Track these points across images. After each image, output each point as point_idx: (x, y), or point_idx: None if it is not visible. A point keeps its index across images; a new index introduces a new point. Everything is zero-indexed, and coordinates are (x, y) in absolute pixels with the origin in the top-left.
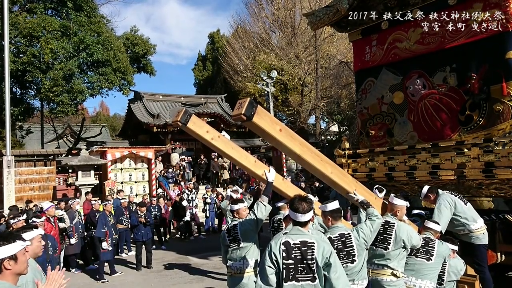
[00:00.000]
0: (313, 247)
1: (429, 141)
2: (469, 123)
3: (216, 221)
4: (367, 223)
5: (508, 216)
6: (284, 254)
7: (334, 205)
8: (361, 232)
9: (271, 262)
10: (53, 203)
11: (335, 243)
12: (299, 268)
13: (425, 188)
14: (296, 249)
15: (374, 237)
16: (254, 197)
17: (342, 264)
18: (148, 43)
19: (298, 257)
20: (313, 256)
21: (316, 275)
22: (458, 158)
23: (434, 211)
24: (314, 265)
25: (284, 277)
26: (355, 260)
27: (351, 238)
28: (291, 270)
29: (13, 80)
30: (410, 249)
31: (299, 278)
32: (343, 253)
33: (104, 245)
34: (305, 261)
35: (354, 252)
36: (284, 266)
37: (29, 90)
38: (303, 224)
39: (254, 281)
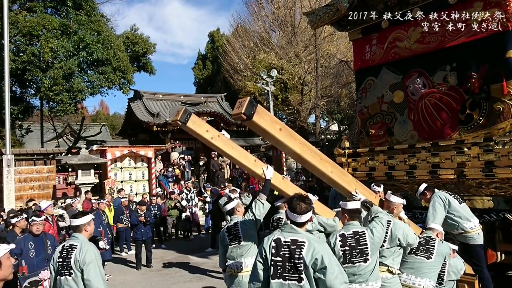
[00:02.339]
0: (302, 246)
1: (429, 140)
2: (469, 122)
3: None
4: (377, 221)
5: (508, 215)
6: (274, 251)
7: (355, 204)
8: (375, 230)
9: (260, 258)
10: (52, 202)
11: (348, 240)
12: (287, 266)
13: (422, 186)
14: (286, 247)
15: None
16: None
17: (355, 263)
18: (148, 42)
19: (287, 255)
20: (301, 256)
21: (303, 275)
22: (458, 157)
23: (429, 209)
24: (302, 265)
25: (271, 273)
26: (368, 259)
27: (365, 236)
28: (279, 268)
29: (12, 79)
30: (408, 247)
31: (286, 277)
32: (356, 251)
33: (101, 244)
34: (292, 260)
35: (368, 250)
36: (272, 262)
37: (29, 89)
38: (300, 225)
39: None
